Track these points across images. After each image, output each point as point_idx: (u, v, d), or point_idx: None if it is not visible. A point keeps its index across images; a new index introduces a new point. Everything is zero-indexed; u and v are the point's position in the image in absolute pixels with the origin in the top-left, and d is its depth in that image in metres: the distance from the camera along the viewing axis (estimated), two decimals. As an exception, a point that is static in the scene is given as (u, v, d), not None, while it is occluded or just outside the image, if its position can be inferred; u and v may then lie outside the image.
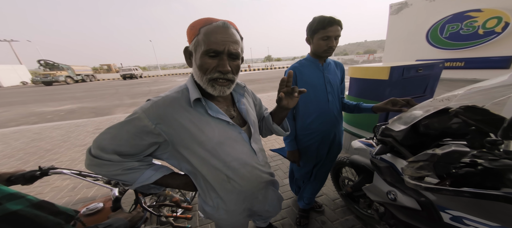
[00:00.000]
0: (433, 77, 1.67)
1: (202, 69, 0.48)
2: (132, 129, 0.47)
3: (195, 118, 0.51)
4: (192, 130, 0.50)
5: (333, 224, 1.33)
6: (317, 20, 0.87)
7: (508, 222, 0.42)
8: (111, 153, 0.48)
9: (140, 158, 0.53)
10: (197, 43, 0.47)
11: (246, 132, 0.61)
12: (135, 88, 12.16)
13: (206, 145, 0.52)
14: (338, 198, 1.55)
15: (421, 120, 0.61)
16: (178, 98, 0.51)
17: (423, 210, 0.60)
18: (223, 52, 0.46)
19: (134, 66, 24.25)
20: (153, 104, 0.49)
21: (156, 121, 0.47)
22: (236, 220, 0.67)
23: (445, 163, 0.40)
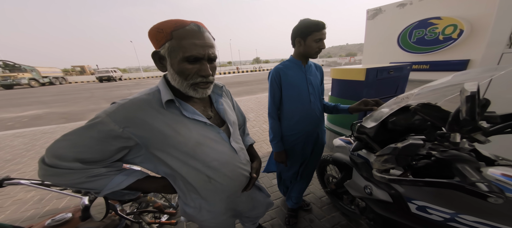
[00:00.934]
0: (402, 78, 1.83)
1: (182, 75, 0.48)
2: (95, 134, 0.44)
3: (169, 119, 0.50)
4: (166, 132, 0.49)
5: (321, 221, 1.37)
6: (311, 22, 0.90)
7: (460, 208, 0.47)
8: (71, 160, 0.45)
9: (108, 164, 0.50)
10: (172, 49, 0.46)
11: (225, 131, 0.61)
12: (114, 91, 11.29)
13: (183, 146, 0.51)
14: (324, 195, 1.60)
15: (389, 117, 0.66)
16: (148, 100, 0.49)
17: (394, 202, 0.64)
18: (204, 57, 0.47)
19: (112, 68, 22.36)
20: (120, 107, 0.46)
21: (123, 124, 0.45)
22: (220, 220, 0.66)
23: (405, 155, 0.43)
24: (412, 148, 0.43)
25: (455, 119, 0.40)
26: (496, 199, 0.31)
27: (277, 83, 1.02)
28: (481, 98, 0.45)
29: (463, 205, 0.47)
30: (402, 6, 3.46)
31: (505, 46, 0.87)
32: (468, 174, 0.35)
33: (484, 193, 0.32)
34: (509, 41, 0.88)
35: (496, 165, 0.49)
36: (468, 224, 0.46)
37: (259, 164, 0.73)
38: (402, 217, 0.62)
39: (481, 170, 0.46)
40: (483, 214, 0.44)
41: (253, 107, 4.67)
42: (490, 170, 0.46)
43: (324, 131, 1.21)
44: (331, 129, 2.14)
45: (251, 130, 3.24)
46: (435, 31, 2.94)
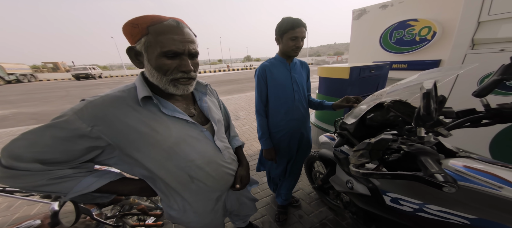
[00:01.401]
0: (382, 77, 1.94)
1: (161, 70, 0.46)
2: (59, 133, 0.41)
3: (146, 117, 0.47)
4: (143, 130, 0.46)
5: (309, 217, 1.41)
6: (286, 21, 0.92)
7: (426, 198, 0.51)
8: (29, 161, 0.41)
9: (75, 165, 0.46)
10: (148, 44, 0.44)
11: (209, 130, 0.60)
12: (93, 90, 10.53)
13: (161, 145, 0.49)
14: (312, 191, 1.65)
15: (368, 113, 0.69)
16: (123, 97, 0.47)
17: (372, 195, 0.68)
18: (184, 52, 0.46)
19: (90, 65, 20.72)
20: (88, 104, 0.43)
21: (92, 122, 0.42)
22: (209, 220, 0.65)
23: (377, 149, 0.46)
24: (383, 142, 0.46)
25: (418, 114, 0.43)
26: (449, 188, 0.34)
27: (263, 81, 1.03)
28: (438, 95, 0.49)
29: (428, 196, 0.51)
30: (384, 7, 3.62)
31: (468, 47, 0.96)
32: (428, 166, 0.39)
33: (439, 183, 0.35)
34: (472, 43, 0.96)
35: (457, 157, 0.54)
36: (434, 213, 0.50)
37: (245, 170, 0.71)
38: (379, 210, 0.66)
39: (442, 161, 0.50)
40: (445, 203, 0.48)
41: (243, 105, 4.65)
42: (451, 162, 0.51)
43: (309, 128, 1.24)
44: (318, 126, 2.20)
45: (242, 128, 3.23)
46: (413, 32, 3.13)
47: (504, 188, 0.41)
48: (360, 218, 0.83)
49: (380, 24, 3.40)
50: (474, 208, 0.44)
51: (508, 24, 0.85)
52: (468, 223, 0.44)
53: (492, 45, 0.90)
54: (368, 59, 3.80)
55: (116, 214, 0.98)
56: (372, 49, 3.60)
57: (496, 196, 0.41)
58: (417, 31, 3.00)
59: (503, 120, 0.54)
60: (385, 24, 3.33)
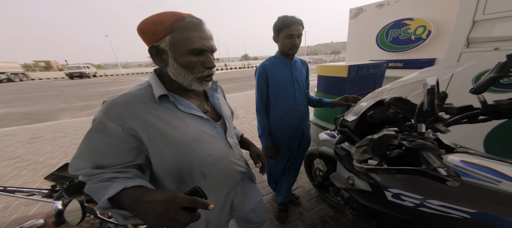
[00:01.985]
0: (379, 75, 1.97)
1: (188, 68, 0.47)
2: (100, 137, 0.44)
3: (164, 114, 0.48)
4: (162, 127, 0.47)
5: (309, 214, 1.43)
6: (281, 19, 0.92)
7: (427, 193, 0.52)
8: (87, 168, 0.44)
9: (119, 169, 0.46)
10: (174, 42, 0.44)
11: (221, 126, 0.60)
12: (88, 89, 10.29)
13: (179, 142, 0.49)
14: (312, 189, 1.67)
15: (368, 110, 0.70)
16: (141, 95, 0.47)
17: (373, 191, 0.69)
18: (208, 49, 0.47)
19: (84, 64, 20.22)
20: (110, 104, 0.44)
21: (120, 121, 0.44)
22: (216, 218, 0.64)
23: (380, 145, 0.47)
24: (385, 138, 0.47)
25: (420, 110, 0.45)
26: (453, 182, 0.35)
27: (264, 80, 1.03)
28: (440, 92, 0.51)
29: (429, 191, 0.53)
30: (381, 6, 3.67)
31: (463, 46, 0.99)
32: (431, 161, 0.40)
33: (443, 177, 0.36)
34: (467, 42, 0.99)
35: (455, 152, 0.55)
36: (435, 208, 0.51)
37: (256, 148, 0.76)
38: (380, 205, 0.67)
39: (442, 157, 0.52)
40: (445, 197, 0.50)
41: (242, 104, 4.64)
42: (450, 157, 0.53)
43: (309, 125, 1.26)
44: (317, 124, 2.22)
45: (241, 127, 3.23)
46: (408, 31, 3.18)
47: (502, 182, 0.43)
48: (361, 214, 0.85)
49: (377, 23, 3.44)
50: (474, 202, 0.45)
51: (502, 23, 0.88)
52: (469, 217, 0.45)
53: (486, 44, 0.93)
54: (365, 58, 3.84)
55: None
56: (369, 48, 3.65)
57: (495, 190, 0.43)
58: (412, 30, 3.05)
59: (499, 116, 0.55)
60: (382, 23, 3.37)
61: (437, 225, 0.53)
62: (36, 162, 2.40)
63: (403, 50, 3.18)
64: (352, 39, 4.24)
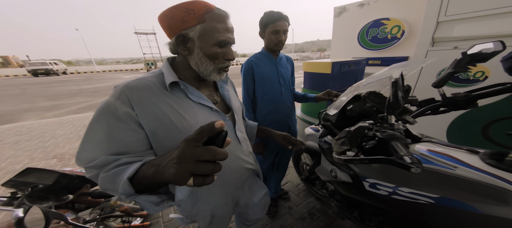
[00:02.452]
0: (360, 71, 2.09)
1: (212, 58, 0.48)
2: (111, 122, 0.41)
3: (175, 102, 0.48)
4: (172, 115, 0.47)
5: (298, 207, 1.47)
6: (268, 15, 0.92)
7: (398, 181, 0.57)
8: (99, 156, 0.40)
9: (137, 155, 0.43)
10: (204, 32, 0.45)
11: (230, 119, 0.59)
12: (56, 87, 9.29)
13: (188, 131, 0.47)
14: (300, 183, 1.72)
15: (347, 105, 0.74)
16: (153, 82, 0.47)
17: (353, 182, 0.73)
18: (231, 42, 0.49)
19: (52, 60, 18.24)
20: (124, 87, 0.44)
21: (131, 105, 0.43)
22: (219, 212, 0.62)
23: (355, 137, 0.50)
24: (360, 130, 0.50)
25: (389, 102, 0.48)
26: (415, 169, 0.39)
27: (250, 76, 1.02)
28: (405, 85, 0.55)
29: (400, 179, 0.57)
30: (362, 5, 3.83)
31: (429, 45, 1.09)
32: (398, 150, 0.43)
33: (407, 164, 0.39)
34: (432, 41, 1.09)
35: (421, 142, 0.61)
36: (405, 195, 0.56)
37: (278, 132, 0.76)
38: (359, 195, 0.72)
39: (409, 146, 0.57)
40: (413, 184, 0.54)
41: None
42: (417, 146, 0.58)
43: (295, 121, 1.29)
44: (304, 119, 2.29)
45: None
46: (385, 30, 3.38)
47: (458, 167, 0.48)
48: (344, 205, 0.89)
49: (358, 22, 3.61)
50: (437, 188, 0.50)
51: (460, 24, 0.98)
52: (433, 201, 0.50)
53: (448, 43, 1.03)
54: (348, 55, 4.02)
55: (96, 217, 0.91)
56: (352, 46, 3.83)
57: (452, 175, 0.48)
58: (389, 30, 3.28)
59: (456, 107, 0.62)
60: (363, 22, 3.55)
61: (408, 211, 0.57)
62: (-5, 170, 2.11)
63: (381, 49, 3.39)
64: (336, 37, 4.39)
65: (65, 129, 3.35)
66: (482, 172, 0.44)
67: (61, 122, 3.71)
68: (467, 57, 0.57)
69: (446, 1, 0.99)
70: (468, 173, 0.46)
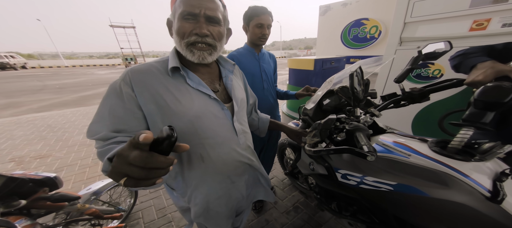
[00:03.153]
0: (340, 69, 2.20)
1: (179, 33, 0.47)
2: (115, 100, 0.46)
3: (172, 86, 0.49)
4: (168, 98, 0.48)
5: (283, 202, 1.52)
6: (252, 8, 0.92)
7: (365, 171, 0.60)
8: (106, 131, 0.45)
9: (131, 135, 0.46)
10: (175, 10, 0.47)
11: (229, 109, 0.58)
12: (12, 83, 8.32)
13: (183, 116, 0.49)
14: (285, 178, 1.77)
15: (323, 99, 0.77)
16: (156, 66, 0.50)
17: (328, 174, 0.77)
18: (199, 14, 0.46)
19: (7, 53, 16.13)
20: (129, 70, 0.48)
21: (135, 87, 0.46)
22: (213, 206, 0.59)
23: (325, 129, 0.52)
24: (329, 122, 0.52)
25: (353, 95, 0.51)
26: (370, 157, 0.42)
27: None
28: (365, 79, 0.59)
29: (366, 168, 0.62)
30: (345, 5, 3.98)
31: (398, 44, 1.17)
32: (360, 140, 0.46)
33: (365, 153, 0.42)
34: (400, 41, 1.18)
35: (386, 133, 0.66)
36: (370, 184, 0.60)
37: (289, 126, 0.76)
38: (334, 186, 0.76)
39: (373, 137, 0.61)
40: (375, 173, 0.59)
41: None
42: (381, 137, 0.63)
43: (278, 117, 1.31)
44: (290, 115, 2.35)
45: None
46: (365, 30, 3.57)
47: (412, 155, 0.53)
48: (323, 197, 0.93)
49: (342, 21, 3.77)
50: (394, 175, 0.54)
51: (423, 25, 1.08)
52: (392, 189, 0.54)
53: (412, 43, 1.13)
54: (332, 53, 4.17)
55: (62, 222, 0.84)
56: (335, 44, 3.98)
57: (406, 163, 0.53)
58: (368, 30, 3.48)
59: (413, 101, 0.69)
60: (345, 21, 3.71)
61: (373, 199, 0.61)
62: None
63: (361, 48, 3.59)
64: (321, 35, 4.52)
65: (24, 129, 2.98)
66: (429, 159, 0.49)
67: (20, 122, 3.30)
68: (421, 55, 0.63)
69: (412, 4, 1.08)
70: (419, 160, 0.51)
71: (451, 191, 0.45)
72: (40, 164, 2.03)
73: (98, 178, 1.82)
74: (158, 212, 1.43)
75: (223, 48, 0.54)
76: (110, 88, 0.47)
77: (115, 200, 1.28)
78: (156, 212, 1.43)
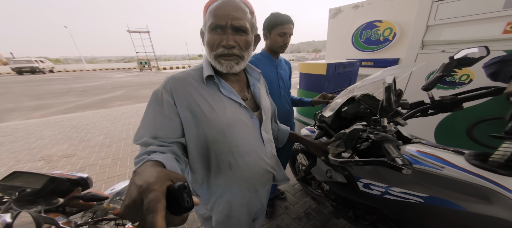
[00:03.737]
0: (354, 73, 2.14)
1: (209, 45, 0.49)
2: (158, 108, 0.48)
3: (207, 94, 0.51)
4: (203, 106, 0.49)
5: (294, 207, 1.49)
6: (276, 16, 0.92)
7: (390, 181, 0.59)
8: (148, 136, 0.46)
9: (162, 144, 0.46)
10: (205, 22, 0.48)
11: (257, 117, 0.58)
12: (42, 86, 9.02)
13: (216, 124, 0.50)
14: (296, 183, 1.74)
15: (342, 106, 0.75)
16: (192, 75, 0.52)
17: (348, 182, 0.75)
18: (226, 26, 0.46)
19: (38, 58, 17.59)
20: (169, 78, 0.50)
21: (174, 95, 0.48)
22: (235, 214, 0.60)
23: (350, 139, 0.51)
24: (355, 132, 0.51)
25: (381, 106, 0.50)
26: (406, 170, 0.40)
27: None
28: (397, 89, 0.57)
29: (392, 179, 0.59)
30: (356, 7, 3.89)
31: (419, 48, 1.12)
32: (390, 151, 0.45)
33: (399, 166, 0.41)
34: (422, 44, 1.13)
35: (411, 143, 0.63)
36: (396, 194, 0.58)
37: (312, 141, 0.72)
38: (354, 195, 0.74)
39: (400, 147, 0.59)
40: (404, 184, 0.56)
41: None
42: (407, 147, 0.60)
43: (293, 124, 1.30)
44: (300, 120, 2.32)
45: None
46: (378, 32, 3.45)
47: (445, 168, 0.50)
48: (339, 204, 0.91)
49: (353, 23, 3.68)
50: (426, 187, 0.52)
51: (448, 28, 1.03)
52: (422, 201, 0.52)
53: (436, 47, 1.07)
54: (342, 56, 4.09)
55: (88, 221, 0.89)
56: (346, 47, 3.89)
57: (439, 175, 0.50)
58: (381, 32, 3.36)
59: (443, 110, 0.65)
60: (357, 24, 3.62)
61: (399, 210, 0.59)
62: (-23, 175, 1.99)
63: (374, 50, 3.48)
64: (331, 38, 4.45)
65: (53, 129, 3.22)
66: (467, 172, 0.46)
67: (49, 122, 3.57)
68: (454, 61, 0.60)
69: (436, 6, 1.03)
70: (455, 173, 0.48)
71: (494, 206, 0.42)
72: (66, 163, 2.17)
73: (116, 178, 1.91)
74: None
75: (251, 55, 0.55)
76: (153, 95, 0.49)
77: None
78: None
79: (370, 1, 3.49)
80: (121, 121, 3.55)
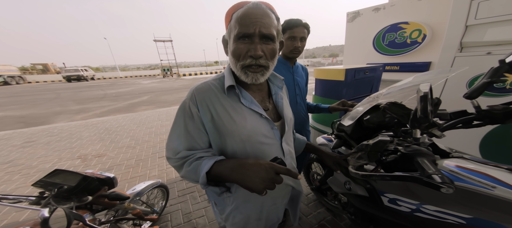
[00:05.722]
0: (376, 78, 1.99)
1: (235, 55, 0.47)
2: (188, 120, 0.49)
3: (228, 105, 0.50)
4: (224, 117, 0.49)
5: (308, 218, 1.41)
6: (286, 21, 0.93)
7: (423, 199, 0.52)
8: (181, 150, 0.49)
9: (204, 150, 0.51)
10: (230, 29, 0.46)
11: (278, 128, 0.56)
12: (84, 92, 10.31)
13: (237, 135, 0.49)
14: (310, 193, 1.65)
15: (364, 115, 0.70)
16: (214, 85, 0.51)
17: (369, 196, 0.68)
18: (254, 34, 0.43)
19: (82, 67, 20.50)
20: (195, 90, 0.50)
21: (198, 105, 0.49)
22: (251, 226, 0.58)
23: (375, 151, 0.46)
24: (380, 144, 0.46)
25: (414, 116, 0.44)
26: (447, 189, 0.34)
27: None
28: (434, 98, 0.51)
29: (425, 196, 0.52)
30: (377, 10, 3.71)
31: (457, 50, 1.00)
32: (425, 167, 0.39)
33: (437, 184, 0.35)
34: (460, 46, 1.00)
35: (450, 157, 0.55)
36: (431, 213, 0.50)
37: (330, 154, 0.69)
38: (376, 210, 0.66)
39: (437, 162, 0.51)
40: (441, 203, 0.49)
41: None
42: (445, 162, 0.52)
43: (309, 131, 1.25)
44: (315, 127, 2.22)
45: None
46: (404, 35, 3.22)
47: (497, 187, 0.42)
48: (358, 218, 0.84)
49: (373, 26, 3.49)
50: (470, 208, 0.45)
51: (493, 28, 0.89)
52: (464, 222, 0.45)
53: (479, 48, 0.94)
54: (362, 61, 3.88)
55: (111, 219, 0.95)
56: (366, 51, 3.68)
57: (490, 196, 0.42)
58: (408, 34, 3.10)
59: (493, 121, 0.56)
60: (378, 27, 3.42)
61: None
62: (29, 167, 2.35)
63: (399, 54, 3.22)
64: (349, 43, 4.28)
65: (90, 131, 3.65)
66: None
67: (87, 125, 4.05)
68: (505, 65, 0.51)
69: (476, 4, 0.91)
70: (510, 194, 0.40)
71: None
72: (98, 162, 2.42)
73: (138, 178, 2.06)
74: (184, 216, 1.50)
75: (275, 64, 0.52)
76: (181, 108, 0.50)
77: (151, 201, 1.39)
78: (182, 216, 1.50)
79: (393, 2, 3.28)
80: (145, 124, 3.85)
